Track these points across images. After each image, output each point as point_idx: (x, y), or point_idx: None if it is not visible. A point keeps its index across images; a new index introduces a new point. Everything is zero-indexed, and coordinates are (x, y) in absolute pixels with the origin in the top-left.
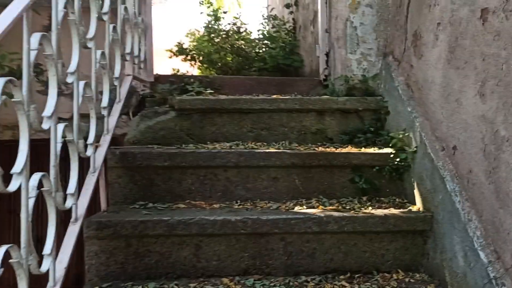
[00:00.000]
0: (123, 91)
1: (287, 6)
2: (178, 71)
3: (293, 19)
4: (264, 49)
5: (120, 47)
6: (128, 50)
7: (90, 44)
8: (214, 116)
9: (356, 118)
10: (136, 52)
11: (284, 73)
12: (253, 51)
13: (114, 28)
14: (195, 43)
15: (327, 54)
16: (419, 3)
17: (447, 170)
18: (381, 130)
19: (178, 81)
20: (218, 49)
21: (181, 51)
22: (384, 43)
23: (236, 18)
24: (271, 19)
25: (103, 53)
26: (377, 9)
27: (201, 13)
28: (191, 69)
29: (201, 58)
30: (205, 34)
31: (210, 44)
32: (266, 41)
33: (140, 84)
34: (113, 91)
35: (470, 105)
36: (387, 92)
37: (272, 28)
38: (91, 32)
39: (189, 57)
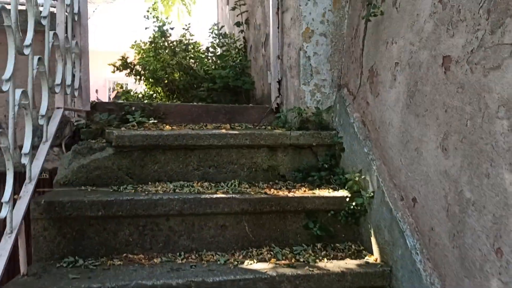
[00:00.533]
0: (51, 129)
1: (238, 24)
2: (121, 86)
3: (244, 38)
4: (213, 67)
5: (47, 80)
6: (58, 80)
7: (6, 87)
8: (157, 153)
9: (310, 153)
10: (68, 81)
11: (234, 94)
12: (202, 68)
13: (40, 59)
14: (140, 57)
15: (279, 82)
16: (375, 38)
17: (406, 223)
18: (336, 167)
19: (118, 110)
20: (164, 66)
21: (125, 65)
22: (338, 74)
23: (185, 29)
24: (220, 37)
25: (24, 92)
26: (331, 39)
27: (146, 28)
28: (136, 83)
29: (146, 74)
30: (151, 48)
31: (155, 60)
32: (216, 59)
33: (75, 113)
34: (39, 128)
35: (431, 157)
36: (342, 127)
37: (222, 46)
38: (8, 71)
39: (133, 72)
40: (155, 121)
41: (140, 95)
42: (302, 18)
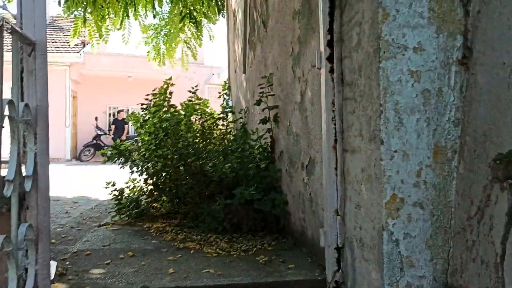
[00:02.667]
0: None
1: (264, 122)
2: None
3: (272, 137)
4: (230, 170)
5: None
6: None
7: None
8: None
9: None
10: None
11: (259, 213)
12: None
13: None
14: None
15: (338, 248)
16: None
17: None
18: None
19: None
20: (168, 165)
21: (119, 153)
22: (444, 267)
23: (192, 92)
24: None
25: None
26: (431, 211)
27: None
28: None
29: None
30: (152, 146)
31: (155, 154)
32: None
33: None
34: None
35: None
36: None
37: (238, 141)
38: None
39: (129, 163)
40: None
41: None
42: (385, 178)
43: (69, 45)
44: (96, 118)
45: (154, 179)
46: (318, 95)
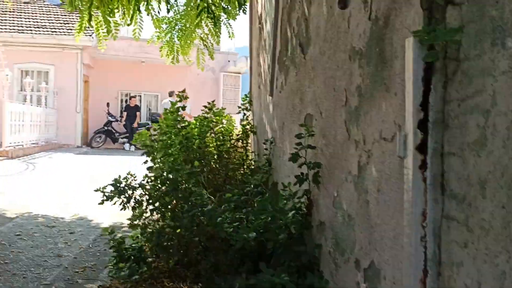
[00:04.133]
0: None
1: (300, 180)
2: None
3: (309, 199)
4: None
5: None
6: None
7: None
8: None
9: None
10: None
11: None
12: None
13: None
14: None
15: None
16: None
17: None
18: None
19: None
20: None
21: (119, 191)
22: None
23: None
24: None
25: None
26: None
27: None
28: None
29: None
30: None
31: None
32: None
33: None
34: None
35: None
36: None
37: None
38: None
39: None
40: None
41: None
42: None
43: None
44: (107, 104)
45: (157, 238)
46: (392, 184)
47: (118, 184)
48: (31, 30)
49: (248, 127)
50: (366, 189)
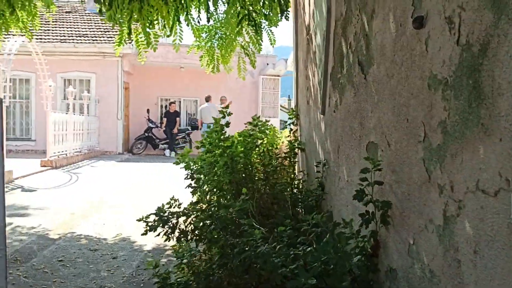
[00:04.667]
0: None
1: (366, 221)
2: None
3: (377, 241)
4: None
5: None
6: None
7: None
8: None
9: None
10: None
11: None
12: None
13: None
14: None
15: None
16: None
17: None
18: None
19: None
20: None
21: (163, 220)
22: None
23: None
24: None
25: None
26: None
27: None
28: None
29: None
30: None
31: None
32: None
33: None
34: None
35: None
36: None
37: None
38: None
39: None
40: None
41: None
42: None
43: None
44: (148, 111)
45: (205, 280)
46: (497, 250)
47: (161, 213)
48: (73, 39)
49: (296, 143)
50: (456, 246)
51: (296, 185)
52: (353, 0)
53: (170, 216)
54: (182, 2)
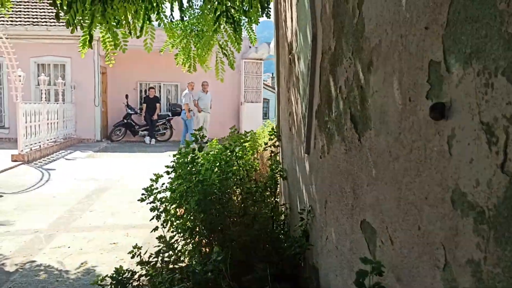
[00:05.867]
0: None
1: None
2: None
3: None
4: None
5: None
6: None
7: None
8: None
9: None
10: None
11: None
12: None
13: None
14: None
15: None
16: None
17: None
18: None
19: None
20: None
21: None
22: None
23: None
24: None
25: None
26: None
27: None
28: None
29: None
30: None
31: None
32: None
33: None
34: None
35: None
36: None
37: None
38: None
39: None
40: None
41: None
42: None
43: None
44: (126, 96)
45: None
46: None
47: (118, 276)
48: (45, 22)
49: (277, 170)
50: None
51: (278, 221)
52: (344, 37)
53: (130, 277)
54: (152, 0)
